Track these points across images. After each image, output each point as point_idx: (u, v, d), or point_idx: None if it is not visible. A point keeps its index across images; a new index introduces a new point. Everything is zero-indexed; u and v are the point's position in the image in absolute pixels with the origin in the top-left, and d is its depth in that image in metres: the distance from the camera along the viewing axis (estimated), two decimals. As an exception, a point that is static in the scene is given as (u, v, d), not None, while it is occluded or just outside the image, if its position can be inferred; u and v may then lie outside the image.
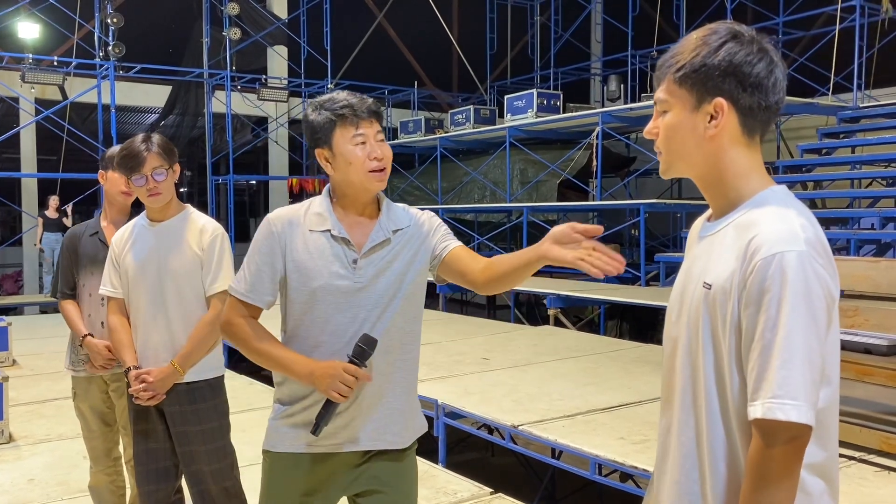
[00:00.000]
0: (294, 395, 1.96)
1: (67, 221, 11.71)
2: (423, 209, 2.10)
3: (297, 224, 1.94)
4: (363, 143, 1.89)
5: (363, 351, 1.84)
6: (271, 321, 2.00)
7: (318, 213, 1.95)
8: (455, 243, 2.01)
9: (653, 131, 1.40)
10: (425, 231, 2.01)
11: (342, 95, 1.92)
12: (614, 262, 1.59)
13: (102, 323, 3.00)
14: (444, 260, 1.98)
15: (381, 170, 1.91)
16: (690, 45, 1.33)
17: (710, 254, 1.34)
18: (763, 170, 1.36)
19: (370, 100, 1.93)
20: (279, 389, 2.01)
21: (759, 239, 1.23)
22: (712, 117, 1.31)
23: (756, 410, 1.19)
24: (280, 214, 1.97)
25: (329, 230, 1.92)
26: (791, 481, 1.21)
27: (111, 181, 3.07)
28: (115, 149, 3.08)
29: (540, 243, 1.73)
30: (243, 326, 1.93)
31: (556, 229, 1.70)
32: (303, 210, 1.97)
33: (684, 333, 1.37)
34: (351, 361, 1.83)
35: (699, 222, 1.44)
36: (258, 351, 1.92)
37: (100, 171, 3.12)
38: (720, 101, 1.30)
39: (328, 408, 1.85)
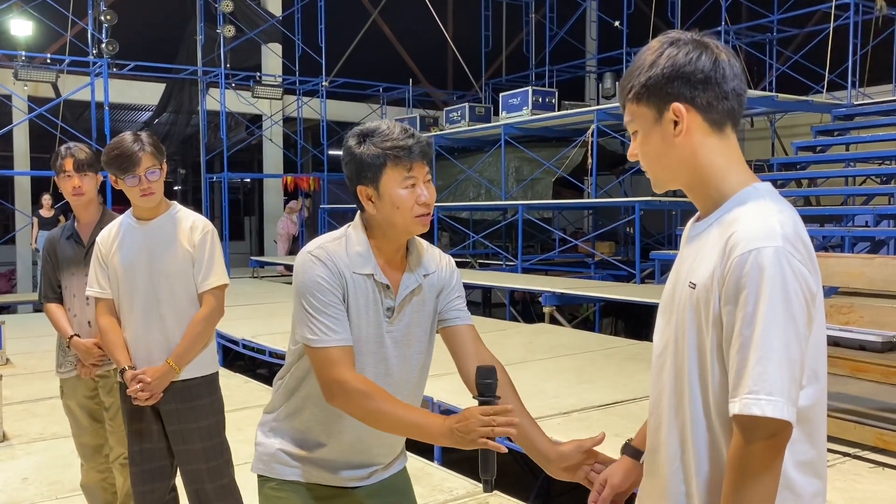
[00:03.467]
0: (309, 439, 1.84)
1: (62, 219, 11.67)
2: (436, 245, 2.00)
3: (345, 264, 1.76)
4: (413, 185, 1.74)
5: (489, 385, 1.65)
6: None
7: (360, 254, 1.77)
8: (467, 319, 1.91)
9: (633, 153, 1.43)
10: (446, 278, 1.90)
11: (395, 131, 1.74)
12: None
13: (90, 322, 2.99)
14: (449, 329, 1.89)
15: (427, 214, 1.78)
16: (636, 65, 1.37)
17: (696, 254, 1.35)
18: (743, 164, 1.37)
19: (424, 138, 1.77)
20: (289, 423, 1.85)
21: (736, 236, 1.24)
22: (676, 123, 1.33)
23: (734, 407, 1.20)
24: (330, 252, 1.76)
25: (373, 275, 1.77)
26: (771, 477, 1.21)
27: (60, 186, 3.05)
28: (60, 151, 3.04)
29: (548, 463, 1.73)
30: (359, 383, 1.69)
31: (565, 454, 1.69)
32: (342, 248, 1.78)
33: (672, 334, 1.38)
34: (483, 402, 1.63)
35: (690, 223, 1.45)
36: (383, 412, 1.67)
37: (55, 178, 3.08)
38: (676, 105, 1.32)
39: (487, 457, 1.61)
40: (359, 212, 1.82)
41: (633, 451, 1.63)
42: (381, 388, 1.72)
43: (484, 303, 13.41)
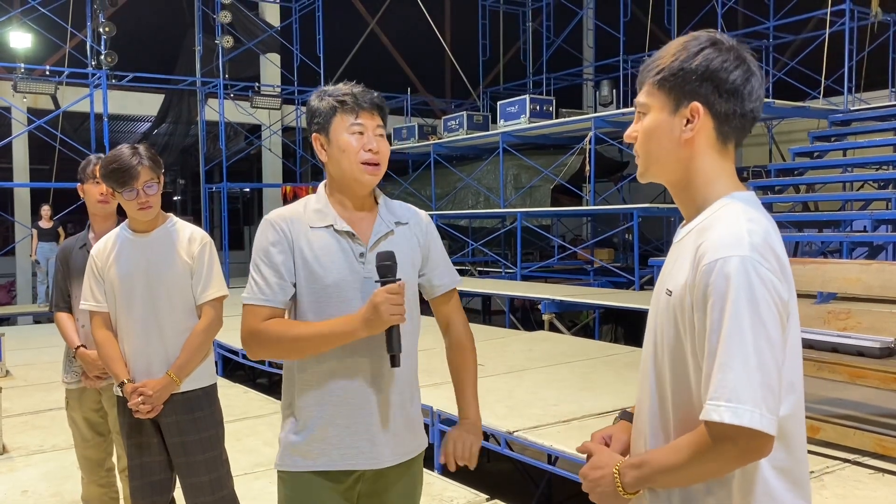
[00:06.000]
0: (304, 403, 1.88)
1: (62, 231, 11.68)
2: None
3: (299, 221, 1.88)
4: (360, 133, 1.85)
5: (389, 266, 1.76)
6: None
7: (318, 210, 1.90)
8: (444, 286, 2.03)
9: (632, 134, 1.42)
10: (423, 232, 1.99)
11: (349, 84, 1.89)
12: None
13: None
14: (434, 295, 2.03)
15: (375, 164, 1.86)
16: (671, 50, 1.36)
17: (675, 260, 1.36)
18: (733, 177, 1.37)
19: (375, 93, 1.90)
20: (298, 407, 1.90)
21: (706, 244, 1.25)
22: (688, 121, 1.33)
23: (702, 412, 1.21)
24: (280, 213, 1.90)
25: (331, 225, 1.87)
26: (720, 472, 1.25)
27: (87, 193, 3.08)
28: (91, 159, 3.09)
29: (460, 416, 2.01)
30: (271, 326, 1.82)
31: (455, 441, 1.94)
32: (301, 208, 1.91)
33: (652, 339, 1.39)
34: (384, 283, 1.75)
35: (678, 228, 1.46)
36: (298, 338, 1.80)
37: (78, 185, 3.11)
38: (696, 105, 1.32)
39: (392, 334, 1.77)
40: (321, 183, 1.97)
41: (632, 417, 1.56)
42: (293, 321, 1.85)
43: (483, 310, 13.40)
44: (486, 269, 13.89)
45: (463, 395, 2.03)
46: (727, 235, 1.24)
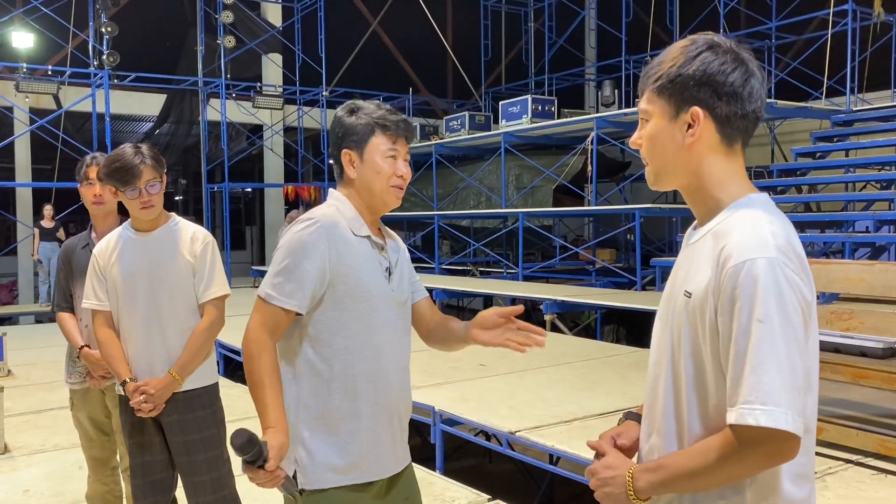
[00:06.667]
0: (340, 415, 1.83)
1: (61, 234, 11.69)
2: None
3: (343, 227, 1.86)
4: (394, 157, 1.90)
5: (251, 462, 1.65)
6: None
7: (354, 218, 1.89)
8: (424, 292, 2.12)
9: (637, 141, 1.42)
10: (405, 251, 2.09)
11: (384, 108, 1.92)
12: (536, 337, 1.92)
13: None
14: (419, 299, 2.09)
15: (402, 188, 1.93)
16: (670, 55, 1.35)
17: (691, 262, 1.35)
18: (744, 178, 1.37)
19: (409, 120, 1.97)
20: (316, 409, 1.83)
21: (729, 247, 1.25)
22: (689, 126, 1.33)
23: (730, 417, 1.20)
24: (326, 215, 1.85)
25: (370, 236, 1.90)
26: (744, 476, 1.24)
27: (82, 194, 3.08)
28: (86, 159, 3.09)
29: (468, 326, 1.97)
30: (266, 349, 1.77)
31: (481, 315, 1.95)
32: (338, 214, 1.88)
33: (667, 341, 1.37)
34: (258, 465, 1.66)
35: (689, 229, 1.46)
36: (255, 383, 1.76)
37: (78, 185, 3.12)
38: (696, 110, 1.32)
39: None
40: (332, 189, 1.97)
41: (639, 418, 1.55)
42: (275, 372, 1.77)
43: (485, 311, 13.38)
44: (487, 269, 13.89)
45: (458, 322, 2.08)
46: (751, 238, 1.23)
